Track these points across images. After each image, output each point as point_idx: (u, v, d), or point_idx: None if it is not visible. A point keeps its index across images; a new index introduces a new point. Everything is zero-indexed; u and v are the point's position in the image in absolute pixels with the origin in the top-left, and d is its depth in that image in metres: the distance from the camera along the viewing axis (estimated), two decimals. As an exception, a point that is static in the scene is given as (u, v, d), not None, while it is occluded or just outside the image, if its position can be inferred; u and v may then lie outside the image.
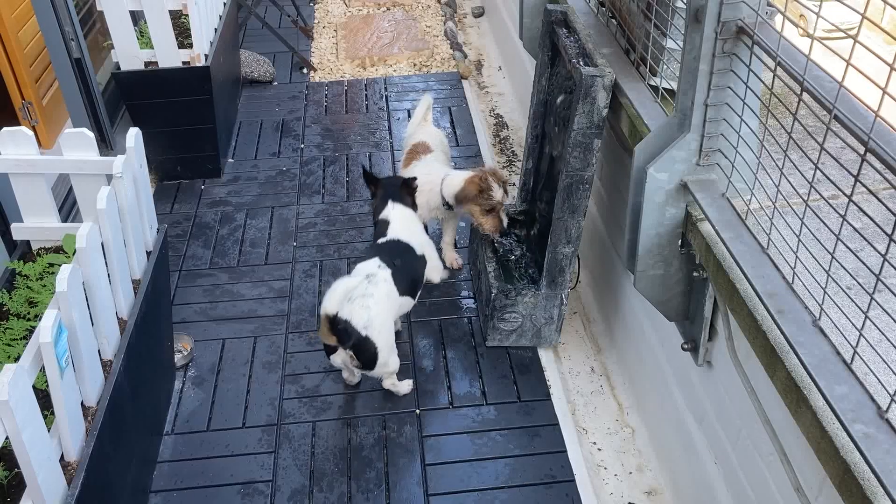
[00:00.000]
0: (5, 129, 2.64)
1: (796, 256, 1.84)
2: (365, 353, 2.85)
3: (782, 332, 1.76)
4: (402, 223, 3.23)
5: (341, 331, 2.76)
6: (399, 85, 5.59)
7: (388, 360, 2.95)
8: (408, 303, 3.15)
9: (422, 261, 3.21)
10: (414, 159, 3.74)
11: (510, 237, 3.72)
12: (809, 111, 1.76)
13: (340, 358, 2.94)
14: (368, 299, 2.82)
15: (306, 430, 3.06)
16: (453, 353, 3.39)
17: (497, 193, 3.38)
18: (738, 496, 2.33)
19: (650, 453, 3.01)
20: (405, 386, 3.17)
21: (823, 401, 1.60)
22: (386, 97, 5.43)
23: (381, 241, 3.16)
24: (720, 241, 2.07)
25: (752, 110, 2.05)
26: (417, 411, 3.12)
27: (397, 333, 3.38)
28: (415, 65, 5.90)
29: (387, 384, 3.13)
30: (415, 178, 3.33)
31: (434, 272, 3.30)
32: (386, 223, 3.22)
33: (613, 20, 3.28)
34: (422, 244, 3.23)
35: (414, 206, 3.33)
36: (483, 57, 6.08)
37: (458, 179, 3.46)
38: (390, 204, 3.25)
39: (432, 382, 3.25)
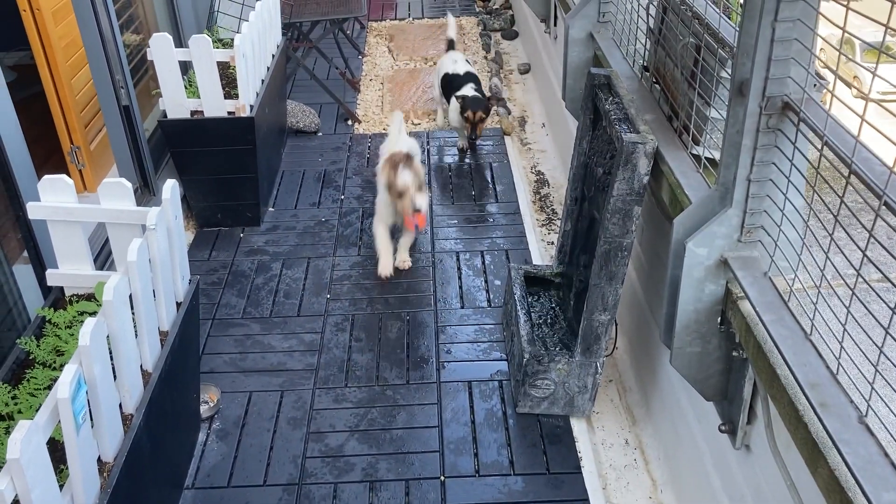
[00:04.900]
0: (46, 176, 2.68)
1: (841, 346, 1.73)
2: None
3: (825, 428, 1.65)
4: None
5: None
6: (441, 139, 5.60)
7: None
8: None
9: None
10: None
11: (546, 299, 3.65)
12: (857, 193, 1.68)
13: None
14: None
15: (327, 492, 2.99)
16: (482, 418, 3.30)
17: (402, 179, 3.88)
18: None
19: (684, 536, 2.87)
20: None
21: (869, 507, 1.49)
22: (428, 151, 5.44)
23: None
24: (760, 323, 1.98)
25: (797, 188, 1.97)
26: (442, 478, 3.03)
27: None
28: (459, 119, 5.91)
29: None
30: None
31: None
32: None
33: (657, 86, 3.23)
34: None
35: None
36: (527, 113, 6.07)
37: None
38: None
39: (459, 448, 3.16)
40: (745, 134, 2.02)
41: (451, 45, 5.70)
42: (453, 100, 5.12)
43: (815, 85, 2.01)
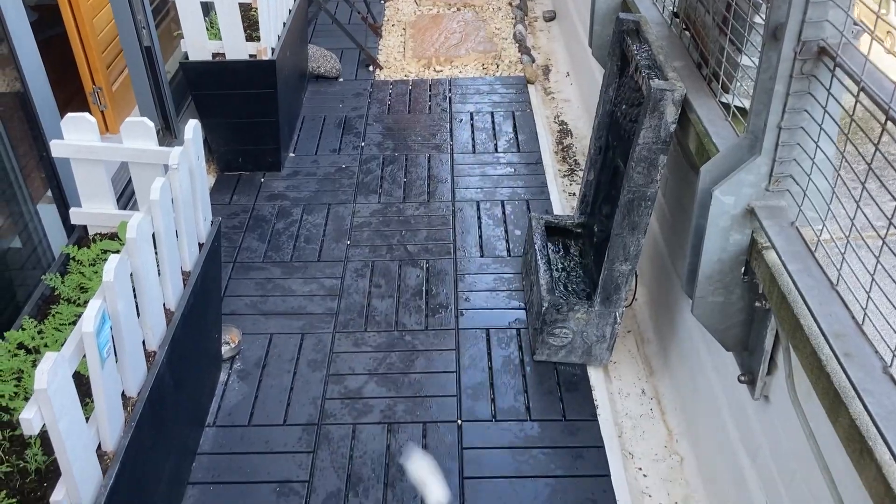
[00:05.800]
0: (69, 115, 2.68)
1: (868, 296, 1.71)
2: None
3: (848, 377, 1.64)
4: None
5: None
6: (464, 87, 5.53)
7: None
8: None
9: None
10: None
11: (566, 249, 3.63)
12: (893, 140, 1.64)
13: None
14: None
15: (346, 432, 3.03)
16: (500, 365, 3.31)
17: None
18: (788, 541, 2.20)
19: (698, 484, 2.89)
20: None
21: (890, 455, 1.48)
22: (450, 98, 5.39)
23: None
24: (786, 272, 1.96)
25: (829, 136, 1.93)
26: (459, 422, 3.06)
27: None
28: (482, 66, 5.83)
29: None
30: None
31: None
32: None
33: (687, 32, 3.16)
34: None
35: None
36: (551, 62, 5.97)
37: None
38: None
39: (476, 393, 3.18)
40: (778, 80, 1.97)
41: None
42: None
43: (852, 31, 1.95)
